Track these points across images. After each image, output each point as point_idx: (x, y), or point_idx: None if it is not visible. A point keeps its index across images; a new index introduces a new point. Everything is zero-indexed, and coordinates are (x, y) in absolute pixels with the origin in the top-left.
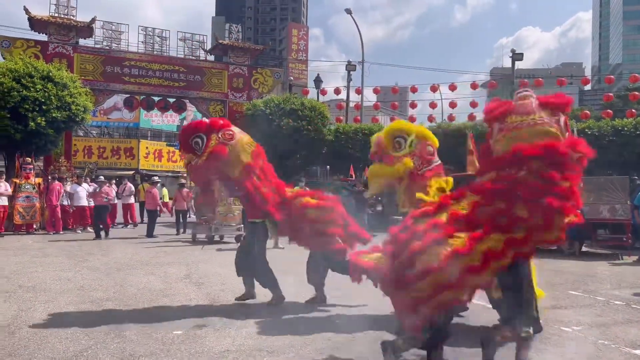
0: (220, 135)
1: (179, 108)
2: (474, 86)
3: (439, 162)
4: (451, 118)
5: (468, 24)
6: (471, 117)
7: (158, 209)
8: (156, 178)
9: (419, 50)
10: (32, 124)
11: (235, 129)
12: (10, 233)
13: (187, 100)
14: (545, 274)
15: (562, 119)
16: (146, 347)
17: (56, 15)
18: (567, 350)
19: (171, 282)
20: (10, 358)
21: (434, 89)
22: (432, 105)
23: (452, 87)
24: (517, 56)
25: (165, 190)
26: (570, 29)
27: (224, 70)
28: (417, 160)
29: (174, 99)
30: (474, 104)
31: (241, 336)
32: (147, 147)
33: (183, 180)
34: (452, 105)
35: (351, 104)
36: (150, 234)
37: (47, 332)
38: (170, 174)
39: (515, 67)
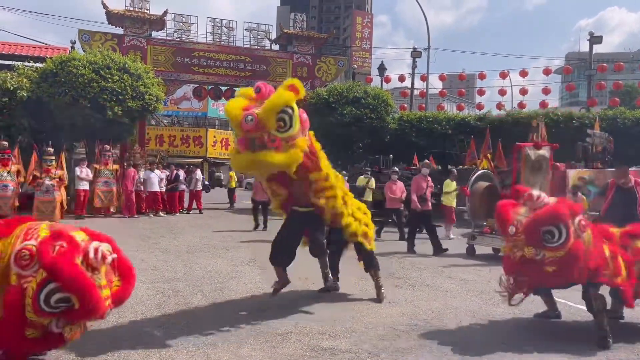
0: (577, 226)
1: None
2: (546, 72)
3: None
4: (522, 105)
5: (545, 6)
6: (543, 104)
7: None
8: None
9: (489, 35)
10: (110, 113)
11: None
12: (90, 216)
13: None
14: None
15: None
16: (213, 325)
17: (131, 9)
18: None
19: (237, 266)
20: (92, 330)
21: (503, 75)
22: (502, 92)
23: (523, 74)
24: (595, 39)
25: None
26: None
27: (289, 60)
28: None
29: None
30: (546, 91)
31: (304, 319)
32: (214, 136)
33: None
34: (523, 92)
35: (416, 92)
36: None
37: (125, 307)
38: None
39: (594, 52)
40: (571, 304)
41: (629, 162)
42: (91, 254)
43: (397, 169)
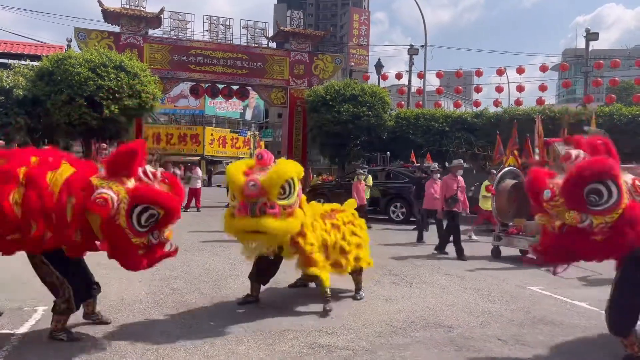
0: (631, 187)
1: (242, 95)
2: (543, 69)
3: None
4: (518, 102)
5: (542, 3)
6: (540, 101)
7: None
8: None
9: (486, 33)
10: (107, 111)
11: None
12: None
13: (250, 88)
14: None
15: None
16: (211, 322)
17: (127, 7)
18: None
19: (235, 264)
20: (90, 329)
21: (500, 72)
22: (499, 89)
23: (520, 70)
24: (591, 36)
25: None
26: None
27: (286, 57)
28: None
29: (237, 86)
30: (543, 88)
31: (301, 317)
32: (211, 134)
33: None
34: (520, 89)
35: (413, 89)
36: None
37: (122, 306)
38: (233, 160)
39: (590, 48)
40: (568, 300)
41: (624, 158)
42: (142, 176)
43: (436, 165)
